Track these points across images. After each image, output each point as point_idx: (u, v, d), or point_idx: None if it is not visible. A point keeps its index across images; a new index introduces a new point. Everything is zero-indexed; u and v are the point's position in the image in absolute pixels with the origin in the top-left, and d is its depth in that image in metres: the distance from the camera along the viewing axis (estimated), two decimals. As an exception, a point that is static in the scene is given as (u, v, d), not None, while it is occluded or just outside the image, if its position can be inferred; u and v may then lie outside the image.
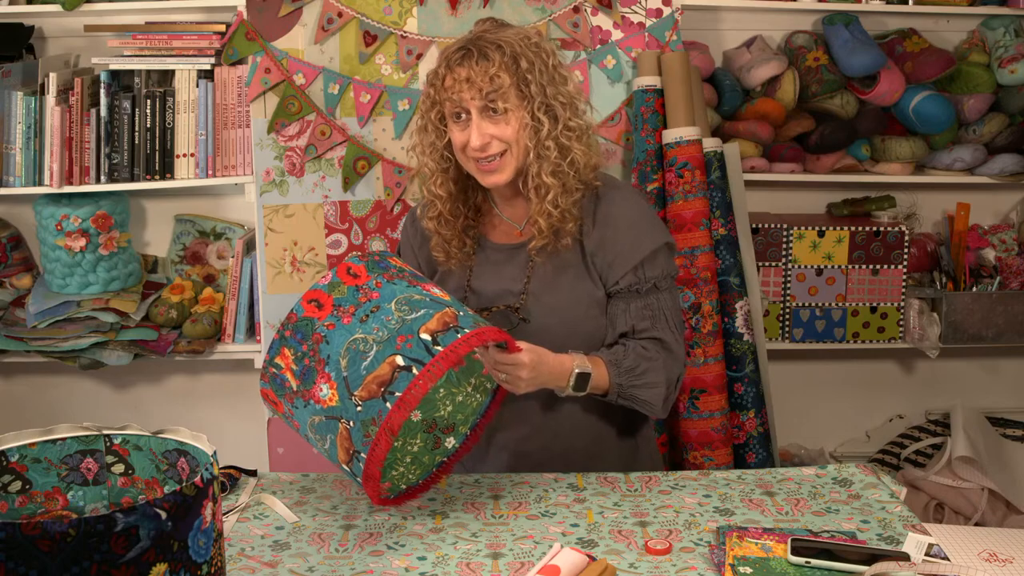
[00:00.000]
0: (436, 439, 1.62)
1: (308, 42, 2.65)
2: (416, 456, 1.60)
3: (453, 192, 1.91)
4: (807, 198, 3.13)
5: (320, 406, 1.54)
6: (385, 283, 1.60)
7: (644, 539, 1.56)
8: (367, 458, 1.51)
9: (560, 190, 1.83)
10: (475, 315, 1.63)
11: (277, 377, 1.59)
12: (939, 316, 2.95)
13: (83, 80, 2.67)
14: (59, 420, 2.43)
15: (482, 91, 1.78)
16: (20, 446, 1.31)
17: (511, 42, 1.80)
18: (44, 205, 2.73)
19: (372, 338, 1.52)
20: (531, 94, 1.80)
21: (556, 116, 1.83)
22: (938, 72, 2.88)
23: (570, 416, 1.91)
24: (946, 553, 1.50)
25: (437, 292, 1.64)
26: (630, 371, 1.82)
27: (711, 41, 2.99)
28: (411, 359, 1.50)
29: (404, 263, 1.71)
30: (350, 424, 1.51)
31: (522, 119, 1.80)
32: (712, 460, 2.59)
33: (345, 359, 1.52)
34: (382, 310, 1.56)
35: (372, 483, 1.54)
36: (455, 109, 1.82)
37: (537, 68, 1.80)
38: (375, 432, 1.49)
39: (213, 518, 1.17)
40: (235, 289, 2.78)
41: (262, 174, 2.67)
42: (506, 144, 1.81)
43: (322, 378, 1.53)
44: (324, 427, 1.55)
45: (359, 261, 1.64)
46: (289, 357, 1.57)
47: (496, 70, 1.77)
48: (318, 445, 1.59)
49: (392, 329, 1.53)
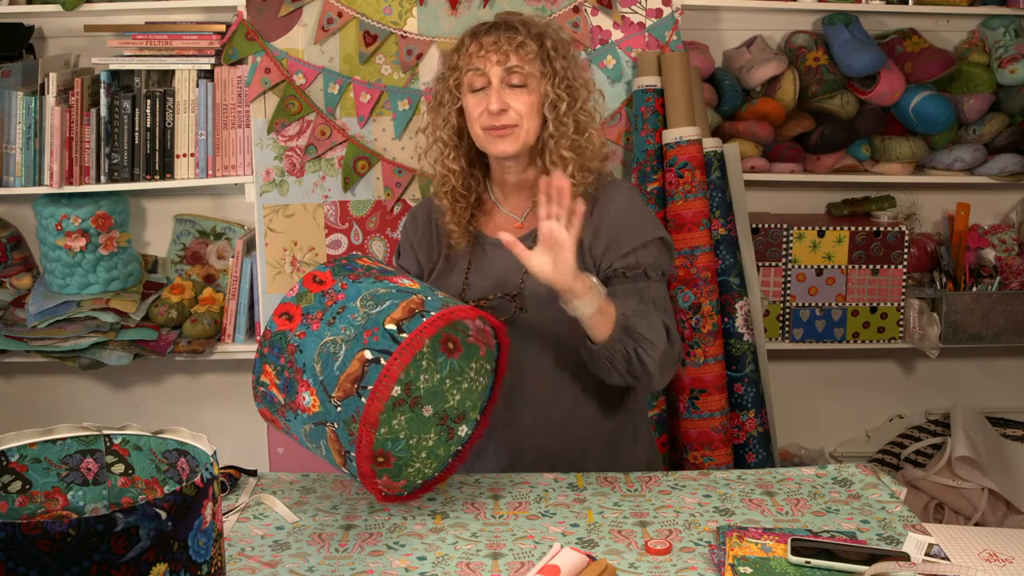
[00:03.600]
0: (449, 430, 1.62)
1: (308, 42, 2.65)
2: (431, 450, 1.60)
3: (464, 168, 1.95)
4: (807, 198, 3.13)
5: (307, 414, 1.55)
6: (350, 283, 1.61)
7: (644, 539, 1.56)
8: (356, 456, 1.51)
9: (577, 166, 1.88)
10: (447, 297, 1.62)
11: (266, 395, 1.60)
12: (939, 316, 2.95)
13: (83, 80, 2.67)
14: (59, 420, 2.42)
15: (508, 57, 1.84)
16: (20, 446, 1.31)
17: (537, 23, 1.91)
18: (44, 205, 2.73)
19: (341, 338, 1.54)
20: (555, 70, 1.87)
21: (575, 96, 1.89)
22: (938, 72, 2.88)
23: (569, 415, 1.92)
24: (946, 553, 1.50)
25: (406, 283, 1.63)
26: (634, 312, 1.78)
27: (711, 41, 2.99)
28: (378, 351, 1.51)
29: (374, 261, 1.71)
30: (335, 426, 1.52)
31: (543, 92, 1.86)
32: (712, 460, 2.59)
33: (319, 364, 1.53)
34: (348, 309, 1.56)
35: (369, 480, 1.54)
36: (475, 79, 1.86)
37: (560, 50, 1.89)
38: (356, 429, 1.49)
39: (213, 518, 1.17)
40: (235, 289, 2.78)
41: (262, 174, 2.67)
42: (519, 118, 1.85)
43: (302, 387, 1.55)
44: (315, 434, 1.56)
45: (325, 268, 1.65)
46: (271, 373, 1.58)
47: (523, 38, 1.85)
48: (316, 453, 1.61)
49: (358, 326, 1.54)
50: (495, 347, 1.69)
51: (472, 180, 1.97)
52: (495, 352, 1.69)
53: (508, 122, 1.85)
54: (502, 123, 1.85)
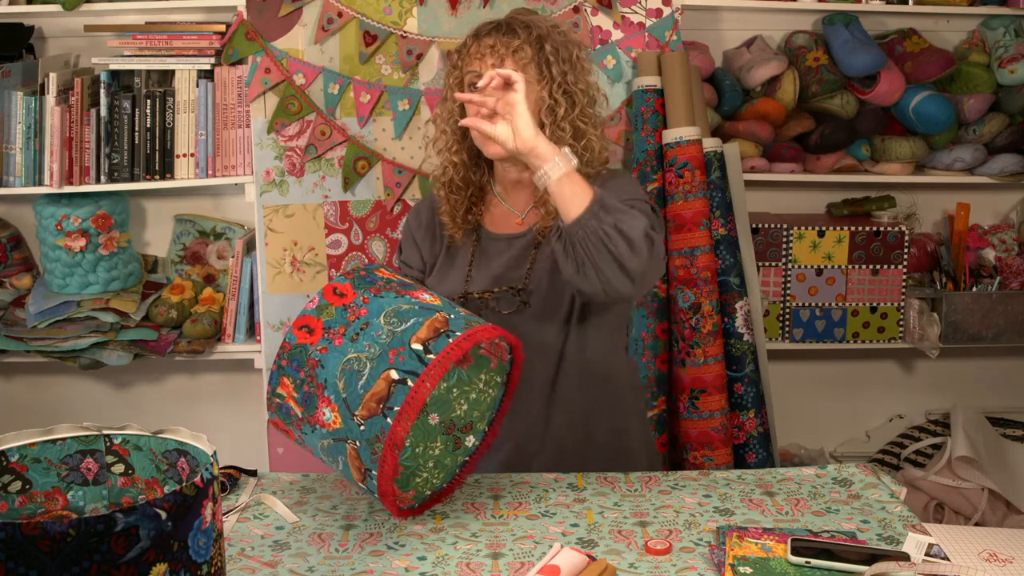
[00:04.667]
0: (456, 439, 1.62)
1: (308, 42, 2.65)
2: (438, 460, 1.60)
3: (465, 161, 1.96)
4: (807, 198, 3.13)
5: (326, 430, 1.55)
6: (372, 298, 1.60)
7: (644, 539, 1.56)
8: (378, 475, 1.52)
9: None
10: (468, 315, 1.63)
11: (282, 407, 1.60)
12: (939, 316, 2.95)
13: (83, 80, 2.67)
14: (59, 420, 2.43)
15: (503, 61, 1.84)
16: (20, 446, 1.31)
17: (540, 25, 1.90)
18: (44, 205, 2.73)
19: (365, 356, 1.53)
20: (551, 75, 1.86)
21: (574, 101, 1.89)
22: (938, 72, 2.88)
23: (570, 412, 1.92)
24: (946, 553, 1.50)
25: (427, 297, 1.63)
26: (612, 199, 1.72)
27: (711, 41, 2.99)
28: (405, 371, 1.51)
29: (392, 272, 1.71)
30: (356, 444, 1.52)
31: (538, 97, 1.86)
32: (712, 460, 2.59)
33: (342, 381, 1.52)
34: (372, 326, 1.56)
35: (388, 499, 1.55)
36: (474, 79, 1.87)
37: (561, 54, 1.88)
38: (381, 449, 1.50)
39: (213, 518, 1.17)
40: (235, 289, 2.78)
41: (262, 174, 2.67)
42: None
43: (323, 402, 1.54)
44: (333, 449, 1.56)
45: (344, 279, 1.64)
46: (289, 386, 1.57)
47: (520, 43, 1.85)
48: (333, 467, 1.60)
49: (383, 344, 1.53)
50: (508, 361, 1.69)
51: (473, 175, 1.98)
52: (507, 366, 1.70)
53: None
54: None
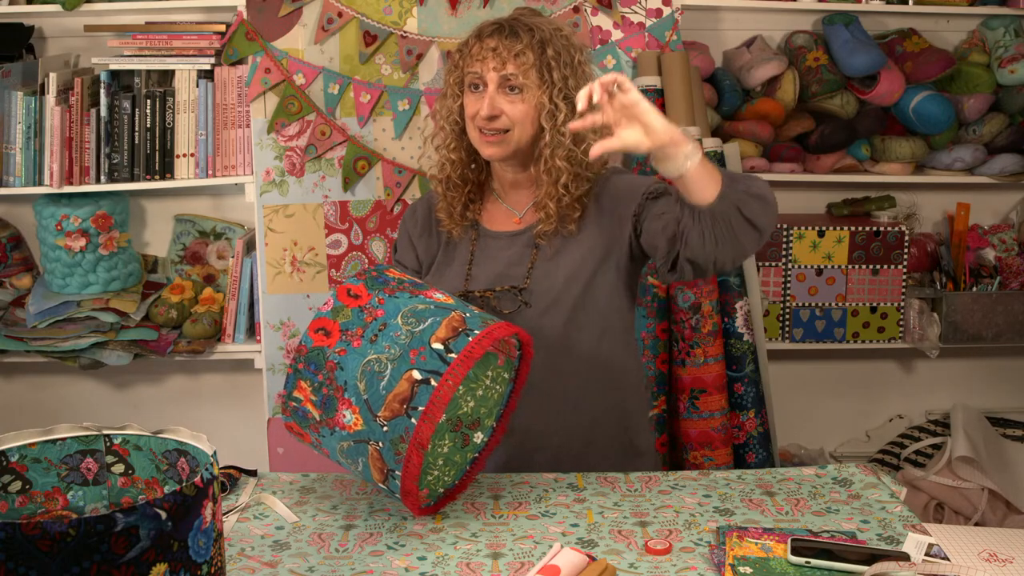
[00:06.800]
0: (464, 436, 1.62)
1: (308, 42, 2.65)
2: (447, 457, 1.61)
3: (463, 159, 1.96)
4: (807, 198, 3.13)
5: (346, 432, 1.55)
6: (388, 298, 1.61)
7: (644, 539, 1.56)
8: (402, 475, 1.52)
9: (571, 176, 1.87)
10: (481, 313, 1.64)
11: (298, 410, 1.59)
12: (939, 316, 2.95)
13: (83, 80, 2.67)
14: (59, 420, 2.43)
15: (504, 63, 1.83)
16: (20, 446, 1.31)
17: (543, 28, 1.88)
18: (44, 205, 2.73)
19: (385, 357, 1.53)
20: (552, 80, 1.85)
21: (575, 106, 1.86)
22: (938, 72, 2.88)
23: (570, 412, 1.92)
24: (946, 553, 1.50)
25: (440, 297, 1.64)
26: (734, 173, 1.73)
27: (711, 41, 2.99)
28: (428, 371, 1.51)
29: (402, 272, 1.71)
30: (379, 445, 1.52)
31: (539, 102, 1.85)
32: (712, 460, 2.59)
33: (363, 382, 1.53)
34: (390, 327, 1.56)
35: (411, 498, 1.56)
36: (475, 80, 1.87)
37: (563, 58, 1.87)
38: (405, 449, 1.50)
39: (213, 518, 1.17)
40: (235, 289, 2.78)
41: (262, 174, 2.67)
42: (512, 123, 1.85)
43: (343, 404, 1.54)
44: (354, 451, 1.56)
45: (357, 281, 1.64)
46: (307, 389, 1.57)
47: (522, 47, 1.84)
48: (351, 468, 1.60)
49: (403, 344, 1.54)
50: (517, 359, 1.70)
51: (471, 172, 1.98)
52: (515, 363, 1.70)
53: (500, 127, 1.85)
54: (493, 128, 1.85)
